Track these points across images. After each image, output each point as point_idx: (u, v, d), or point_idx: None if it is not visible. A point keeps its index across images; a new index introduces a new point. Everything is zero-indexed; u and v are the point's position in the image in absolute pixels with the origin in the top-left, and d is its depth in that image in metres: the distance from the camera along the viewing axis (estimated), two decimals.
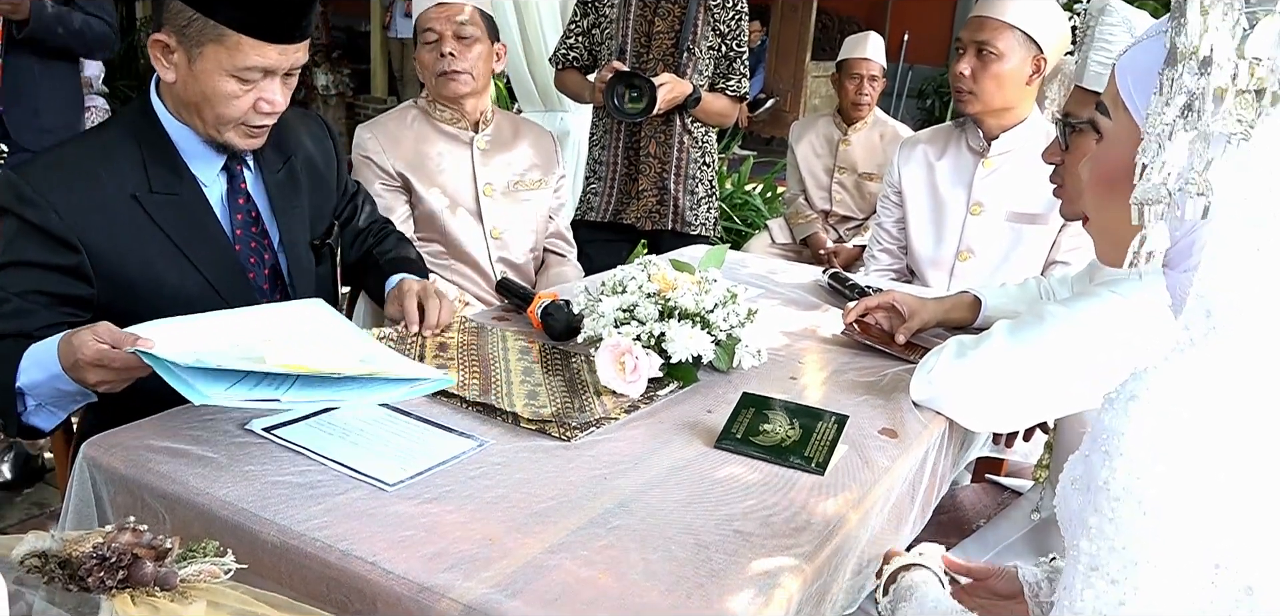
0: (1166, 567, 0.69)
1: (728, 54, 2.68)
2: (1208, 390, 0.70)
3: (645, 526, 1.01)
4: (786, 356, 1.59)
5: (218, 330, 1.17)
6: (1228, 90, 0.73)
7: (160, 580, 0.82)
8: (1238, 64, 0.73)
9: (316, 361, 1.13)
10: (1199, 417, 0.69)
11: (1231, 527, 0.68)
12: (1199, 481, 0.68)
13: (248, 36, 1.29)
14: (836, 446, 1.21)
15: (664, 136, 2.64)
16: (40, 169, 1.32)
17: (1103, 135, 0.85)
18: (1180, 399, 0.70)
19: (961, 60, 2.13)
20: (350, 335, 1.29)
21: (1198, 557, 0.69)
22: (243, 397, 1.05)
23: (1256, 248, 0.74)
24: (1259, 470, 0.68)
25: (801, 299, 1.96)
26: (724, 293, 1.45)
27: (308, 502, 1.01)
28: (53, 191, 1.29)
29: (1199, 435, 0.68)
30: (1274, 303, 0.74)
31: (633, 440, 1.22)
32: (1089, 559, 0.72)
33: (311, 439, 1.15)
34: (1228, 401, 0.70)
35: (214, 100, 1.32)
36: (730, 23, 2.65)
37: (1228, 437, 0.68)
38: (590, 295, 1.49)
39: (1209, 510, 0.68)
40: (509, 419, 1.24)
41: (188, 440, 1.13)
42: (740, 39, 2.69)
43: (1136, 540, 0.69)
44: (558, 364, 1.46)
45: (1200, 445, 0.68)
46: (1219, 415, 0.69)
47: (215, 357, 1.08)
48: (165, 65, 1.34)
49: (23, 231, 1.29)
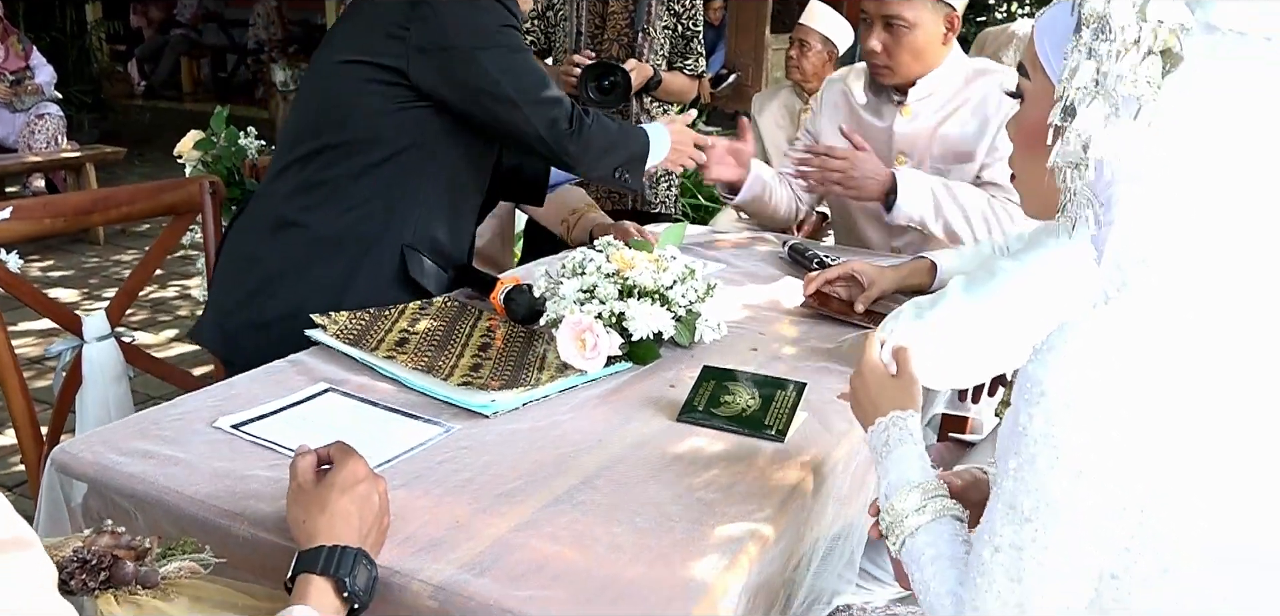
0: (1076, 510, 0.73)
1: (684, 34, 2.70)
2: (1121, 343, 0.74)
3: (610, 501, 1.04)
4: (747, 328, 1.63)
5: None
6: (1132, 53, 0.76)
7: (142, 579, 0.84)
8: (1141, 26, 0.76)
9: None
10: (1112, 369, 0.73)
11: (1142, 474, 0.72)
12: (1110, 429, 0.72)
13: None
14: (796, 413, 1.25)
15: (620, 119, 2.66)
16: None
17: (1024, 97, 0.88)
18: (1095, 351, 0.74)
19: (871, 35, 2.03)
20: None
21: (1107, 501, 0.73)
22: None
23: (1167, 204, 0.78)
24: (1170, 419, 0.72)
25: (761, 271, 1.99)
26: (682, 269, 1.48)
27: (278, 497, 1.02)
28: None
29: (1112, 386, 0.72)
30: (1183, 258, 0.77)
31: (596, 418, 1.25)
32: (1008, 497, 0.77)
33: (280, 433, 1.17)
34: (1140, 354, 0.73)
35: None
36: (685, 3, 2.67)
37: (1140, 388, 0.72)
38: (551, 278, 1.51)
39: (1119, 456, 0.72)
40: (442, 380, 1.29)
41: (157, 441, 1.14)
42: (696, 18, 2.71)
43: (1050, 482, 0.73)
44: (519, 344, 1.48)
45: (1113, 395, 0.72)
46: (1131, 367, 0.73)
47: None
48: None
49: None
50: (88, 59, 8.47)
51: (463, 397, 1.26)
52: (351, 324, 1.47)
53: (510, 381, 1.31)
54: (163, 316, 4.32)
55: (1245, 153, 0.76)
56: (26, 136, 5.68)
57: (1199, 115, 0.76)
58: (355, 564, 0.84)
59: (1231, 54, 0.77)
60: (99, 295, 4.68)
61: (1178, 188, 0.77)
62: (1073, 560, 0.75)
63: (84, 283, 4.85)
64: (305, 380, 1.33)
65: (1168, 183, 0.78)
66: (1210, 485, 0.73)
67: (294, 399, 1.26)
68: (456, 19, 1.58)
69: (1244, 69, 0.77)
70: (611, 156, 1.75)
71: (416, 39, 1.58)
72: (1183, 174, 0.77)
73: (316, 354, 1.43)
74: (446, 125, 1.65)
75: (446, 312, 1.58)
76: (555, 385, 1.32)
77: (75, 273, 4.98)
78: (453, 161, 1.70)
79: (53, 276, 4.90)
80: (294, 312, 1.57)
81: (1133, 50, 0.77)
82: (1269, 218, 0.77)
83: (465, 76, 1.60)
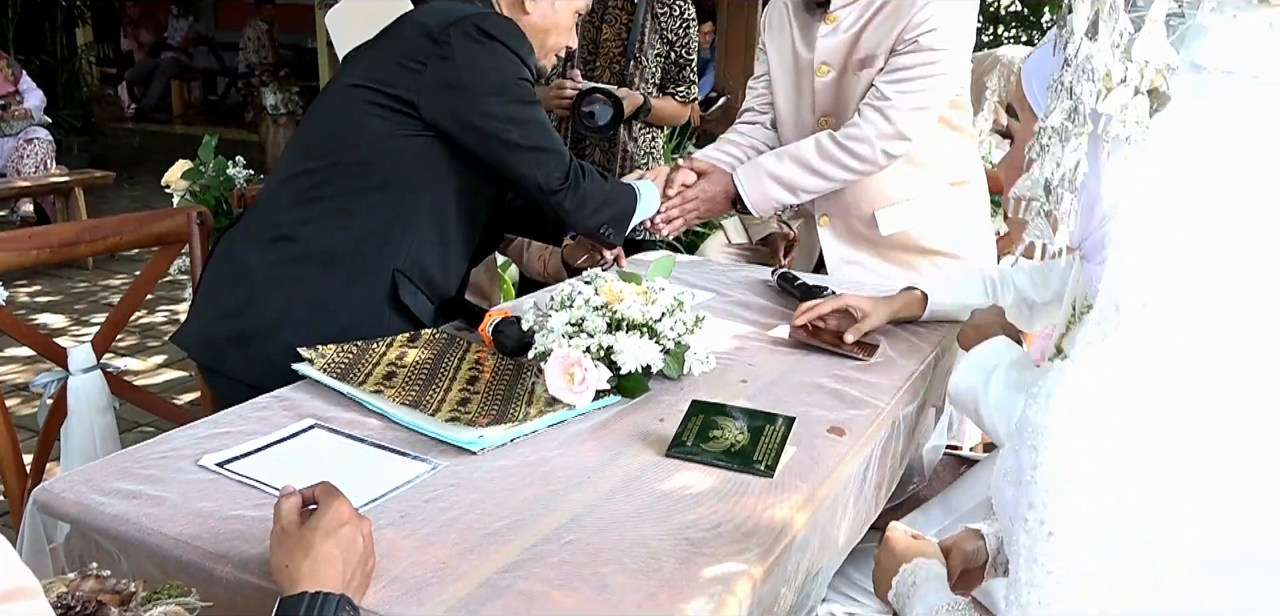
0: (1097, 552, 0.73)
1: (676, 61, 2.71)
2: (1120, 380, 0.74)
3: (598, 540, 1.03)
4: (737, 360, 1.63)
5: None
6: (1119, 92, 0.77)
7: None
8: (1126, 67, 0.77)
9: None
10: (1113, 408, 0.73)
11: (1155, 507, 0.72)
12: (1118, 466, 0.72)
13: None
14: (785, 448, 1.24)
15: (607, 144, 2.67)
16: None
17: (1014, 137, 0.89)
18: (1095, 392, 0.74)
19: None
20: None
21: (1123, 540, 0.73)
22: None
23: (1160, 242, 0.78)
24: (1173, 449, 0.72)
25: (751, 300, 1.99)
26: (671, 301, 1.48)
27: (262, 538, 1.01)
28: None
29: (1114, 424, 0.72)
30: (1178, 295, 0.78)
31: (585, 454, 1.24)
32: (1027, 552, 0.76)
33: (265, 471, 1.16)
34: (1140, 391, 0.73)
35: (561, 30, 1.82)
36: (677, 30, 2.68)
37: (1141, 424, 0.72)
38: (540, 310, 1.51)
39: (1131, 493, 0.72)
40: (429, 416, 1.29)
41: (140, 480, 1.13)
42: (688, 46, 2.73)
43: (1067, 531, 0.73)
44: (507, 377, 1.47)
45: (1115, 433, 0.72)
46: (1132, 405, 0.73)
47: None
48: (532, 1, 1.77)
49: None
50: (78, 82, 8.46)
51: (450, 433, 1.25)
52: (338, 357, 1.46)
53: (498, 416, 1.31)
54: (151, 342, 4.30)
55: (1234, 190, 0.77)
56: (15, 161, 5.66)
57: (1188, 153, 0.77)
58: (338, 610, 0.83)
59: (1218, 93, 0.77)
60: (86, 320, 4.66)
61: (1170, 225, 0.78)
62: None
63: (71, 308, 4.82)
64: (291, 416, 1.32)
65: (1160, 220, 0.78)
66: (1212, 519, 0.73)
67: (280, 435, 1.26)
68: (474, 63, 1.63)
69: (1231, 107, 0.77)
70: (601, 214, 1.83)
71: (432, 75, 1.63)
72: (1174, 211, 0.78)
73: (303, 388, 1.42)
74: (448, 160, 1.68)
75: (435, 344, 1.57)
76: (543, 420, 1.32)
77: (63, 298, 4.95)
78: (450, 196, 1.72)
79: (40, 301, 4.87)
80: (278, 326, 1.58)
81: (1120, 89, 0.78)
82: (1259, 254, 0.78)
83: (474, 118, 1.65)
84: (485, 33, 1.64)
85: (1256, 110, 0.77)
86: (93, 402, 1.76)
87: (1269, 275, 0.77)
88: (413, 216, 1.68)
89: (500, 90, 1.65)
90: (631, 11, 2.63)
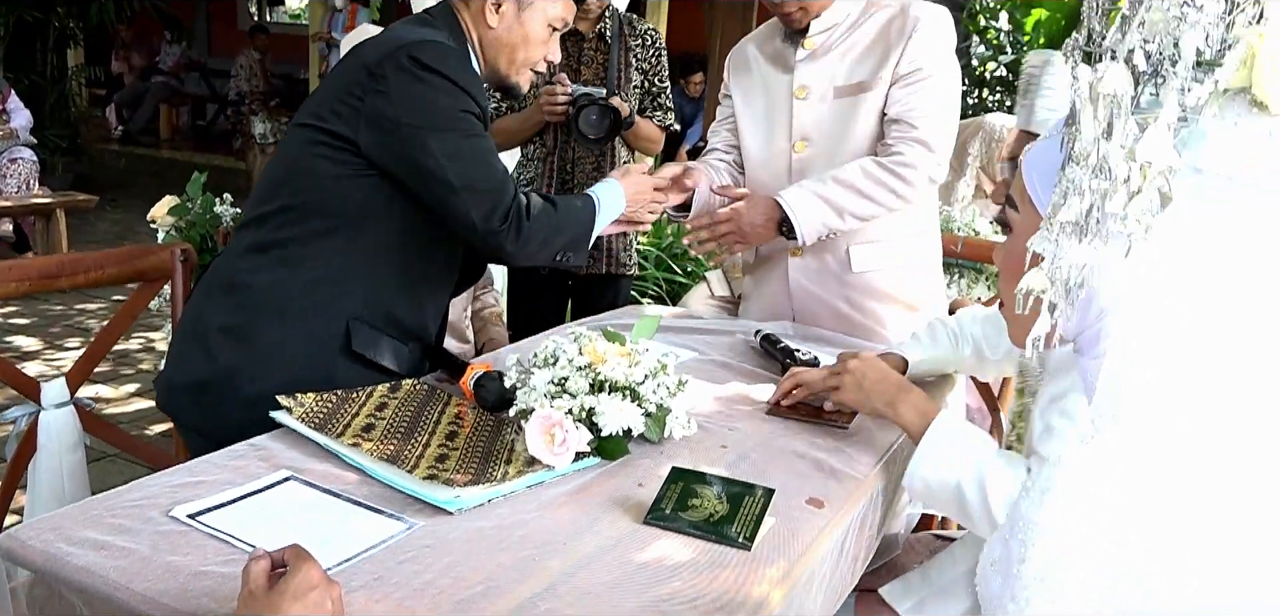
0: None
1: (652, 90, 2.79)
2: (1113, 478, 0.74)
3: (574, 610, 1.02)
4: (717, 423, 1.62)
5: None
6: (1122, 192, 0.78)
7: None
8: (1130, 166, 0.78)
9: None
10: (1106, 504, 0.73)
11: (1143, 603, 0.72)
12: (1106, 566, 0.72)
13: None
14: (764, 520, 1.24)
15: (594, 182, 2.71)
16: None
17: (1012, 228, 0.90)
18: (1088, 488, 0.74)
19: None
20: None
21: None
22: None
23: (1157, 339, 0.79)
24: (1165, 552, 0.73)
25: (732, 361, 1.99)
26: (655, 363, 1.48)
27: (231, 596, 0.99)
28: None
29: (1106, 522, 0.73)
30: (1173, 393, 0.78)
31: (562, 518, 1.24)
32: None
33: (238, 524, 1.14)
34: (1132, 487, 0.74)
35: (530, 44, 1.70)
36: (651, 60, 2.77)
37: (1133, 522, 0.73)
38: (522, 366, 1.50)
39: (1115, 592, 0.72)
40: (406, 472, 1.27)
41: (109, 529, 1.11)
42: (661, 75, 2.81)
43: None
44: (487, 433, 1.47)
45: (1107, 531, 0.72)
46: (1125, 501, 0.73)
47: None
48: (492, 13, 1.68)
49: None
50: (66, 103, 8.42)
51: (427, 492, 1.24)
52: (317, 407, 1.45)
53: (476, 475, 1.30)
54: (125, 370, 4.25)
55: (1232, 292, 0.78)
56: None
57: (1188, 254, 0.78)
58: None
59: (1220, 197, 0.79)
60: (61, 345, 4.61)
61: (1167, 323, 0.79)
62: None
63: (45, 331, 4.77)
64: (267, 466, 1.30)
65: (1157, 318, 0.79)
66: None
67: (254, 487, 1.24)
68: (410, 96, 1.56)
69: (1232, 212, 0.79)
70: (550, 247, 1.73)
71: (369, 110, 1.57)
72: (1171, 310, 0.79)
73: (280, 437, 1.40)
74: (400, 197, 1.62)
75: (415, 396, 1.56)
76: (522, 481, 1.31)
77: (37, 320, 4.90)
78: (410, 234, 1.67)
79: (15, 324, 4.82)
80: (231, 377, 1.56)
81: (1122, 189, 0.79)
82: (1257, 355, 0.79)
83: (410, 154, 1.57)
84: (421, 64, 1.56)
85: (1257, 215, 0.79)
86: (63, 440, 1.74)
87: (1267, 376, 0.78)
88: (368, 259, 1.63)
89: (435, 125, 1.57)
90: (607, 51, 2.69)
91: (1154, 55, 0.77)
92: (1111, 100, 0.77)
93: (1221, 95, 0.79)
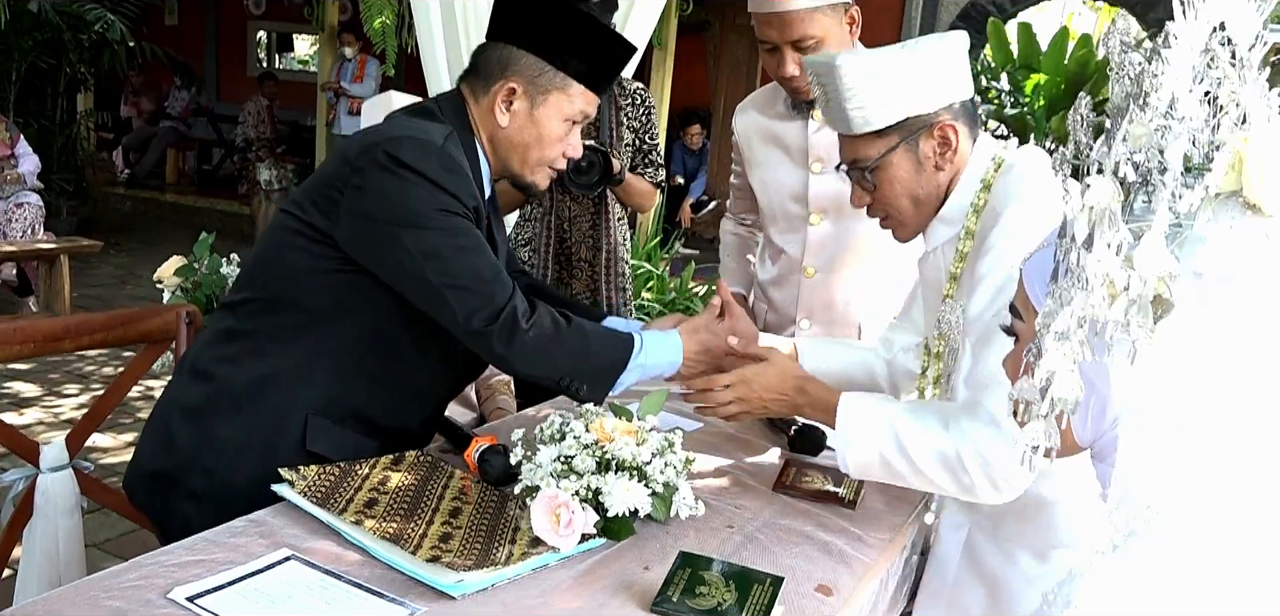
0: None
1: (643, 147, 2.81)
2: (1133, 592, 0.73)
3: None
4: (723, 501, 1.60)
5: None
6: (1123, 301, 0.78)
7: None
8: (1129, 275, 0.78)
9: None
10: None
11: None
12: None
13: (586, 88, 1.60)
14: (773, 611, 1.22)
15: (592, 239, 2.72)
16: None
17: (1019, 338, 0.89)
18: (1110, 603, 0.73)
19: (785, 63, 1.96)
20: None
21: None
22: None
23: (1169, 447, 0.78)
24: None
25: (739, 435, 1.97)
26: (661, 441, 1.46)
27: None
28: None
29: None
30: (1189, 502, 0.77)
31: (567, 605, 1.21)
32: None
33: (237, 607, 1.12)
34: (1153, 603, 0.72)
35: (544, 143, 1.62)
36: (641, 118, 2.79)
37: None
38: (528, 442, 1.48)
39: None
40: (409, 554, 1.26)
41: (106, 613, 1.09)
42: (652, 132, 2.83)
43: None
44: (492, 510, 1.45)
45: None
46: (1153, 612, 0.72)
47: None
48: (503, 110, 1.59)
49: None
50: (74, 147, 8.48)
51: (430, 575, 1.22)
52: (320, 481, 1.43)
53: (480, 558, 1.28)
54: (124, 419, 4.22)
55: (1241, 395, 0.77)
56: (3, 224, 5.64)
57: (1194, 359, 0.77)
58: None
59: (1221, 299, 0.78)
60: (60, 391, 4.59)
61: (1178, 430, 0.78)
62: None
63: (45, 377, 4.75)
64: (267, 544, 1.28)
65: (1168, 425, 0.78)
66: None
67: (255, 567, 1.22)
68: (386, 194, 1.47)
69: (1234, 314, 0.78)
70: (553, 367, 1.55)
71: (347, 205, 1.50)
72: (1182, 416, 0.78)
73: (281, 511, 1.38)
74: (381, 292, 1.52)
75: (419, 468, 1.54)
76: (526, 564, 1.29)
77: (37, 366, 4.88)
78: (391, 330, 1.56)
79: (14, 369, 4.80)
80: (186, 468, 1.51)
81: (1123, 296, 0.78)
82: (1269, 459, 0.78)
83: (387, 253, 1.49)
84: (398, 161, 1.47)
85: (1257, 316, 0.78)
86: (61, 504, 1.72)
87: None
88: (339, 354, 1.55)
89: (410, 223, 1.47)
90: (600, 109, 2.72)
91: (1141, 166, 0.77)
92: (1103, 213, 0.77)
93: (1213, 200, 0.79)
